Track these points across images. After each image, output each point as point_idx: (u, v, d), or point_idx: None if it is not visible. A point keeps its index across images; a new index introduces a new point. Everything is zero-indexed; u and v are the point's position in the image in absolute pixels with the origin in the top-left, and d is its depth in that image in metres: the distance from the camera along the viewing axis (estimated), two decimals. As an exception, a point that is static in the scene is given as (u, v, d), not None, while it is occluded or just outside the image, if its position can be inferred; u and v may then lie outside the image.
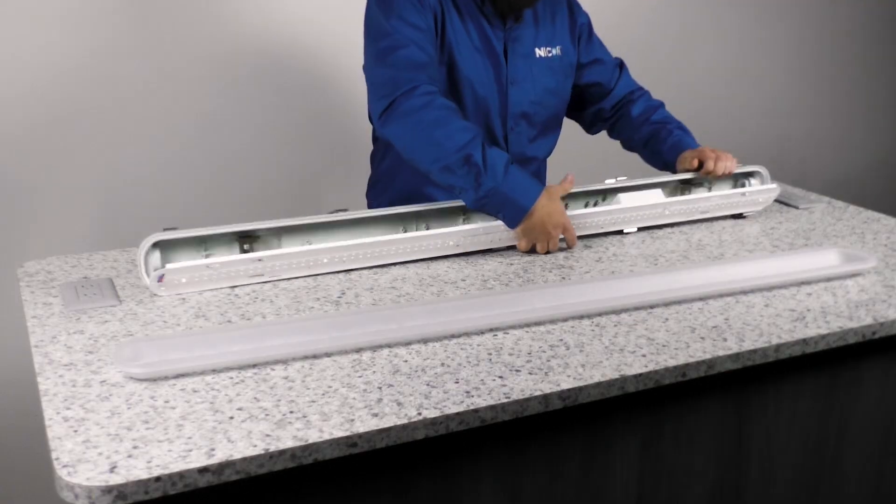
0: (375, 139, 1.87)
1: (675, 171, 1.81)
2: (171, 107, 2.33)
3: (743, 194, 1.75)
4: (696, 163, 1.75)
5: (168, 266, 1.35)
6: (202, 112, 2.37)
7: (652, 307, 1.35)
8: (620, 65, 1.93)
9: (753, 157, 3.25)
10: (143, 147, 2.32)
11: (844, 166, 3.56)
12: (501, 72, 1.72)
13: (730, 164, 1.75)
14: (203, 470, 0.93)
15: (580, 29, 1.85)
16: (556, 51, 1.79)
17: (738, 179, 1.83)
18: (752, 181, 1.82)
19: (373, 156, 1.88)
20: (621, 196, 1.66)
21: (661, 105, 1.92)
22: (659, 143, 1.85)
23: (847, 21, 3.38)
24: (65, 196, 2.25)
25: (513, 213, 1.53)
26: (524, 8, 1.71)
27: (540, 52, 1.76)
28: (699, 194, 1.74)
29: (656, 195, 1.69)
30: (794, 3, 3.25)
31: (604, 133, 1.99)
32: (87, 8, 2.18)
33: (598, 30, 1.90)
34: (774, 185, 1.80)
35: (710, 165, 1.73)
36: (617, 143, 1.97)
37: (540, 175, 1.88)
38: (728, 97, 3.22)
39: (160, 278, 1.35)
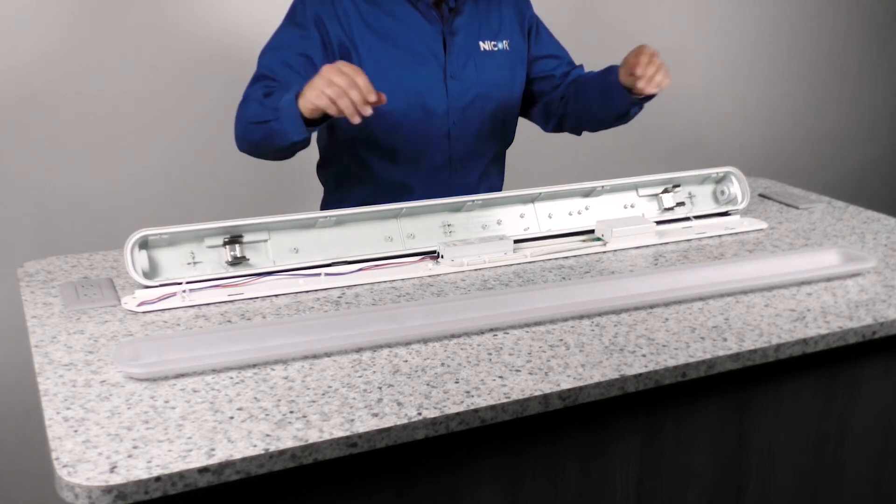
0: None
1: (623, 90, 1.69)
2: (171, 107, 2.33)
3: (731, 229, 1.71)
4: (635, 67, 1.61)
5: (141, 303, 1.34)
6: (203, 112, 2.37)
7: (652, 307, 1.35)
8: (578, 65, 1.92)
9: (753, 157, 3.26)
10: (144, 147, 2.32)
11: (844, 166, 3.56)
12: (439, 66, 1.70)
13: (660, 77, 1.62)
14: (203, 470, 0.93)
15: (529, 21, 1.84)
16: (502, 45, 1.76)
17: (717, 185, 1.79)
18: (731, 186, 1.78)
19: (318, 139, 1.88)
20: (608, 225, 1.63)
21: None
22: (608, 74, 1.74)
23: (847, 21, 3.38)
24: (65, 196, 2.25)
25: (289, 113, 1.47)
26: None
27: (484, 45, 1.74)
28: (686, 232, 1.69)
29: (646, 233, 1.64)
30: (794, 2, 3.25)
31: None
32: (85, 7, 2.18)
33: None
34: (742, 220, 1.77)
35: (639, 71, 1.60)
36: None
37: (497, 169, 1.86)
38: (728, 97, 3.22)
39: (140, 303, 1.34)
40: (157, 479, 0.91)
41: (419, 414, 1.03)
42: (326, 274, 1.45)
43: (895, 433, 1.48)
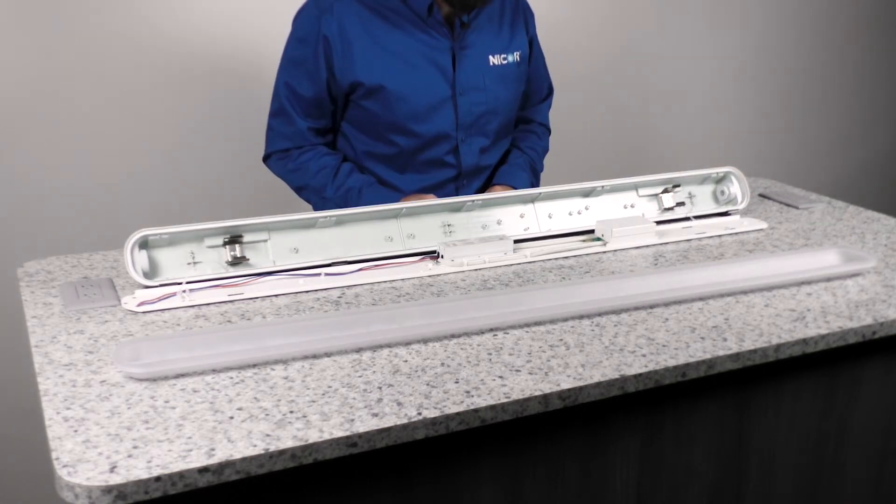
0: None
1: None
2: (171, 107, 2.33)
3: (731, 229, 1.71)
4: None
5: (142, 301, 1.34)
6: (204, 112, 2.37)
7: (652, 307, 1.35)
8: (549, 93, 1.94)
9: (753, 157, 3.26)
10: (144, 147, 2.32)
11: (844, 166, 3.56)
12: (447, 82, 1.69)
13: None
14: (203, 470, 0.93)
15: (530, 34, 1.84)
16: (512, 57, 1.76)
17: (717, 185, 1.78)
18: (731, 186, 1.77)
19: None
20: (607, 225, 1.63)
21: (538, 138, 1.92)
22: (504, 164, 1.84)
23: (847, 20, 3.38)
24: (65, 196, 2.25)
25: None
26: (470, 10, 1.68)
27: (494, 59, 1.73)
28: (686, 232, 1.68)
29: (646, 233, 1.64)
30: (794, 2, 3.25)
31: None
32: (86, 7, 2.19)
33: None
34: (742, 219, 1.76)
35: None
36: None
37: (488, 180, 1.87)
38: (728, 97, 3.22)
39: (140, 303, 1.34)
40: (157, 479, 0.91)
41: (419, 414, 1.04)
42: (326, 274, 1.45)
43: (895, 433, 1.48)
